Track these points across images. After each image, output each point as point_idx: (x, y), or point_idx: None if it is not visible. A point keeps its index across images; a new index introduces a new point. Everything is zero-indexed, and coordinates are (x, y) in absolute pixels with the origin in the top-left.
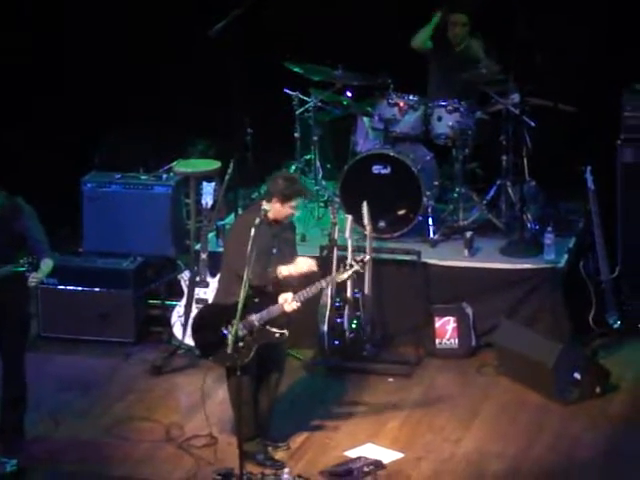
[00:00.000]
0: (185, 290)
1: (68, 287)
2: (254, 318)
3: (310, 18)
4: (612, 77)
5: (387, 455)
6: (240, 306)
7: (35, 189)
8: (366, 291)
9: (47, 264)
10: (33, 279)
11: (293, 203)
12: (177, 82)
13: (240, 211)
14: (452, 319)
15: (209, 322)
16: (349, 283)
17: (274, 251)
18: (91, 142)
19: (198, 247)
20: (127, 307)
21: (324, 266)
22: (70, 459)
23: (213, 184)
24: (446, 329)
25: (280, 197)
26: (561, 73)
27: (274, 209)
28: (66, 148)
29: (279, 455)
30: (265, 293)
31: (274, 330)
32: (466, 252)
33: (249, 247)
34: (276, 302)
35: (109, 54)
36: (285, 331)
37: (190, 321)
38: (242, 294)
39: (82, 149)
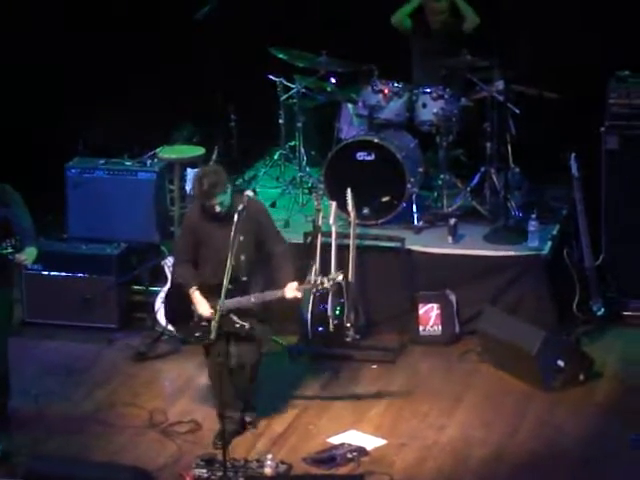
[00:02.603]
0: (168, 276)
1: (52, 273)
2: (226, 303)
3: (295, 3)
4: (597, 64)
5: (370, 441)
6: (224, 289)
7: (20, 175)
8: (350, 278)
9: (31, 252)
10: (21, 257)
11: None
12: (162, 67)
13: None
14: (436, 306)
15: (183, 296)
16: (333, 269)
17: (241, 238)
18: (76, 127)
19: None
20: (110, 293)
21: (308, 253)
22: (54, 444)
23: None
24: (430, 316)
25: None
26: (545, 60)
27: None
28: (51, 133)
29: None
30: (239, 281)
31: (235, 319)
32: (450, 239)
33: (232, 234)
34: (248, 293)
35: (93, 38)
36: (245, 324)
37: (166, 289)
38: (225, 278)
39: (67, 134)
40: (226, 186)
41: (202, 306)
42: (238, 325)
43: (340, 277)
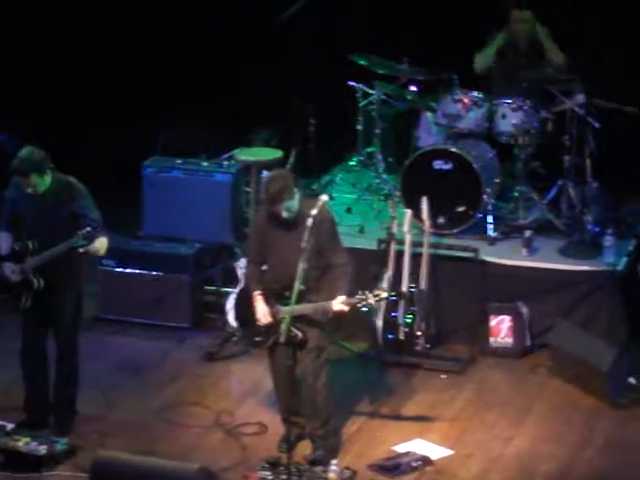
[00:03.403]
0: (240, 278)
1: (126, 270)
2: (281, 310)
3: (377, 11)
4: None
5: (436, 451)
6: (295, 294)
7: (98, 172)
8: (422, 286)
9: (102, 242)
10: (93, 248)
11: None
12: (243, 70)
13: None
14: (507, 318)
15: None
16: (405, 277)
17: (303, 244)
18: (154, 127)
19: None
20: (183, 292)
21: (381, 260)
22: (120, 440)
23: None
24: (501, 328)
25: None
26: (628, 75)
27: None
28: (129, 132)
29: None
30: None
31: (290, 329)
32: (524, 251)
33: (304, 239)
34: (304, 301)
35: (174, 40)
36: (299, 333)
37: (237, 290)
38: (297, 283)
39: (145, 133)
40: (294, 192)
41: (259, 311)
42: (292, 334)
43: (384, 294)
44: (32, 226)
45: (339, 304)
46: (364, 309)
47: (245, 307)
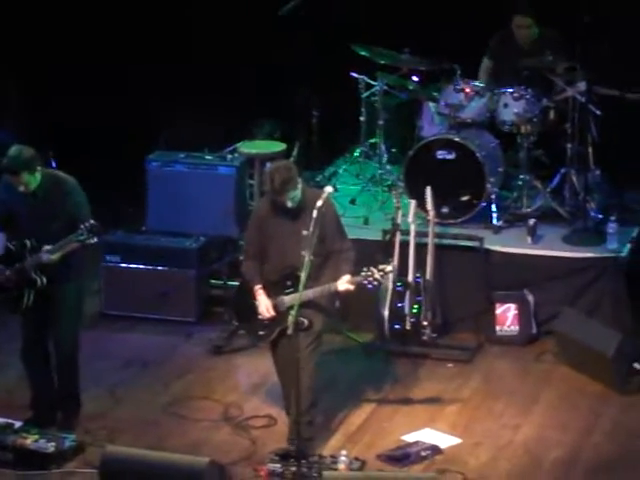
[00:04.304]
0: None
1: (131, 265)
2: (284, 300)
3: (378, 1)
4: None
5: (444, 440)
6: (302, 283)
7: (101, 167)
8: (428, 276)
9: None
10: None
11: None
12: (244, 63)
13: None
14: (513, 306)
15: (250, 292)
16: (411, 267)
17: (304, 233)
18: (157, 121)
19: None
20: (189, 286)
21: (386, 250)
22: (128, 436)
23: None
24: (507, 316)
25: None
26: (628, 61)
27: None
28: (133, 126)
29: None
30: (297, 277)
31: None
32: (529, 239)
33: (309, 229)
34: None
35: (177, 33)
36: (305, 321)
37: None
38: (304, 272)
39: (148, 127)
40: (297, 182)
41: (262, 305)
42: (299, 321)
43: (389, 268)
44: (26, 225)
45: (344, 283)
46: (370, 286)
47: (245, 303)
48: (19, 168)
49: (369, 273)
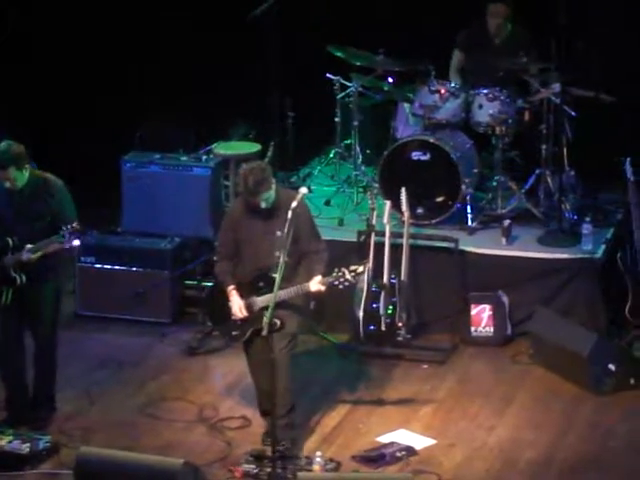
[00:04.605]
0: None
1: (105, 266)
2: (257, 300)
3: (353, 2)
4: None
5: (419, 441)
6: (276, 285)
7: (76, 168)
8: (403, 277)
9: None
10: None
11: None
12: (219, 65)
13: None
14: (488, 307)
15: (223, 293)
16: (386, 268)
17: (278, 234)
18: (132, 122)
19: None
20: (164, 287)
21: (361, 252)
22: (103, 437)
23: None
24: (482, 317)
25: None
26: (602, 63)
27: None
28: (107, 127)
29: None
30: (270, 278)
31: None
32: (504, 240)
33: (285, 229)
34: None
35: (150, 36)
36: (278, 321)
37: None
38: (278, 273)
39: (123, 128)
40: (271, 183)
41: (235, 305)
42: (272, 322)
43: (361, 269)
44: (10, 223)
45: (316, 284)
46: (341, 287)
47: (218, 303)
48: (7, 162)
49: (340, 274)
